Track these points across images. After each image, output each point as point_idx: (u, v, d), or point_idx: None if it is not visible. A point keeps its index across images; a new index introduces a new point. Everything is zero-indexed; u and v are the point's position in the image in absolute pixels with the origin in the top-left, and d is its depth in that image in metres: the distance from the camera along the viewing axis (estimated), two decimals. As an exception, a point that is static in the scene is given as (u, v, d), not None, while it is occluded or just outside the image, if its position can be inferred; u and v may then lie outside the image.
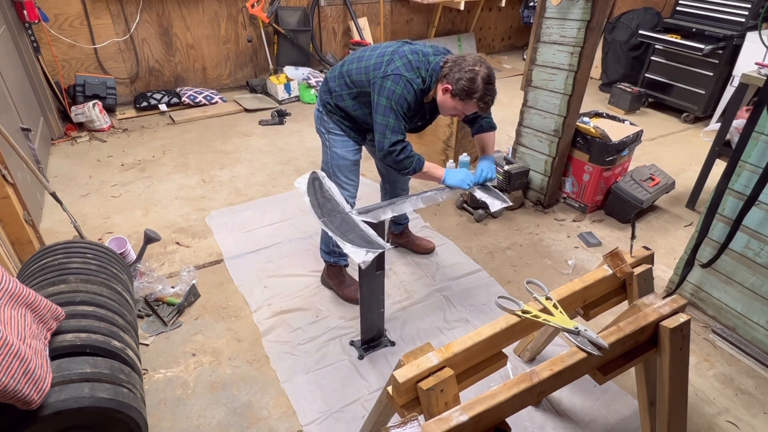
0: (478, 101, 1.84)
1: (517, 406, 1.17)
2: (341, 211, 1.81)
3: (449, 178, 2.03)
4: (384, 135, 1.91)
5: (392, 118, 1.89)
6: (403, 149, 1.93)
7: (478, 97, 1.82)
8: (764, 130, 1.94)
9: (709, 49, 4.14)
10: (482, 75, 1.80)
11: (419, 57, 1.91)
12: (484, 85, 1.81)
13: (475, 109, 1.89)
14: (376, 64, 1.94)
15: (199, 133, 4.26)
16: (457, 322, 2.33)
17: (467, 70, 1.80)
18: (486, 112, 1.96)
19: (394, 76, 1.87)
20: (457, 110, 1.92)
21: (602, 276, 1.52)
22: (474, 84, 1.80)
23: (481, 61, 1.83)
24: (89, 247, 2.00)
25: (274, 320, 2.31)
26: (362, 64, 1.99)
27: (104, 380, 1.45)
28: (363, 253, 1.60)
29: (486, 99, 1.84)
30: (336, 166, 2.18)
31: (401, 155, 1.93)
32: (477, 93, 1.81)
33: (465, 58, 1.83)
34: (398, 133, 1.91)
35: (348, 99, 2.05)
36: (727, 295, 2.22)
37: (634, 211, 3.04)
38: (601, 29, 2.70)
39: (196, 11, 4.71)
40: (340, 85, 2.06)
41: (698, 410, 1.93)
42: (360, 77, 1.98)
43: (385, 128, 1.90)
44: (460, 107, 1.89)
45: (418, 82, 1.90)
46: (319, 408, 1.90)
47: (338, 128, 2.14)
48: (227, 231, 2.94)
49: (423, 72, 1.90)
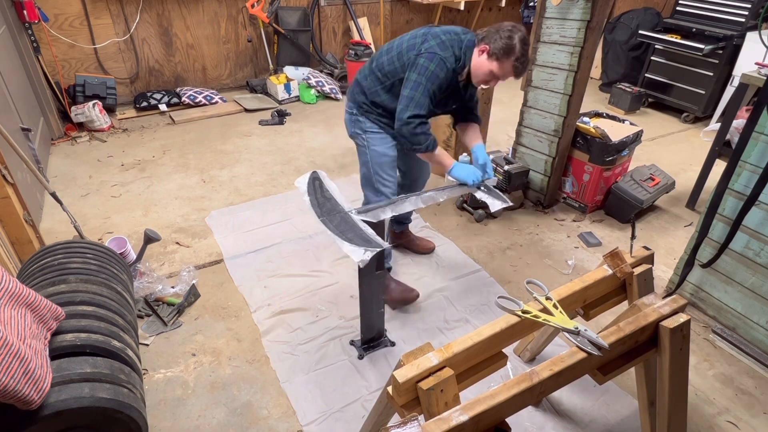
0: (515, 61, 1.88)
1: (517, 406, 1.17)
2: (340, 210, 1.81)
3: (456, 170, 2.05)
4: (407, 107, 1.94)
5: (420, 92, 1.92)
6: (421, 123, 1.95)
7: (515, 56, 1.87)
8: (764, 130, 1.94)
9: (709, 49, 4.14)
10: (519, 36, 1.87)
11: (451, 36, 1.97)
12: (522, 45, 1.87)
13: (510, 71, 1.92)
14: (409, 46, 1.99)
15: (199, 133, 4.26)
16: (457, 322, 2.33)
17: (505, 30, 1.88)
18: (519, 77, 1.99)
19: (428, 54, 1.92)
20: (492, 74, 1.94)
21: (602, 276, 1.52)
22: (512, 41, 1.86)
23: (516, 26, 1.90)
24: (89, 247, 2.00)
25: (274, 320, 2.31)
26: (393, 53, 2.03)
27: (104, 380, 1.45)
28: (361, 252, 1.60)
29: (522, 60, 1.89)
30: (377, 164, 2.19)
31: (418, 129, 1.95)
32: (515, 52, 1.87)
33: (501, 24, 1.91)
34: (421, 108, 1.94)
35: (383, 93, 2.08)
36: (727, 295, 2.22)
37: (634, 211, 3.04)
38: (601, 29, 2.70)
39: (196, 11, 4.71)
40: (372, 82, 2.10)
41: (698, 410, 1.93)
42: (393, 66, 2.02)
43: (410, 101, 1.93)
44: (495, 68, 1.92)
45: (452, 60, 1.94)
46: (319, 408, 1.90)
47: (376, 126, 2.16)
48: (227, 231, 2.94)
49: (456, 50, 1.95)
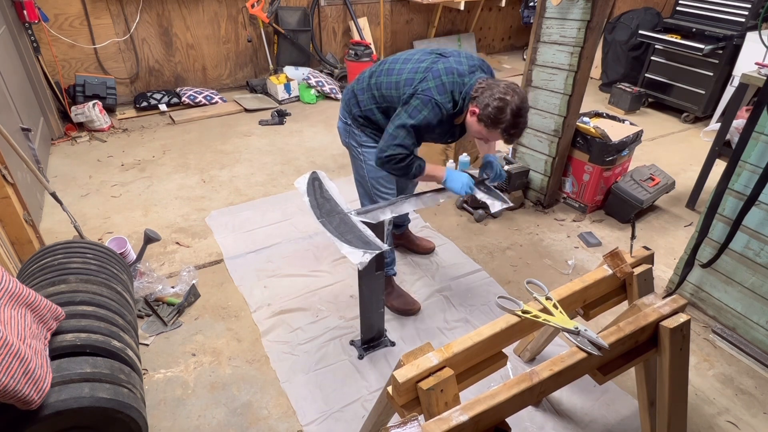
0: (503, 132, 1.76)
1: (517, 406, 1.17)
2: (340, 211, 1.81)
3: (451, 180, 1.99)
4: (388, 146, 1.85)
5: (404, 134, 1.84)
6: (402, 158, 1.87)
7: (503, 128, 1.74)
8: (764, 130, 1.94)
9: (709, 49, 4.14)
10: (512, 106, 1.71)
11: (454, 78, 1.82)
12: (513, 118, 1.72)
13: (499, 137, 1.81)
14: (407, 79, 1.87)
15: (199, 133, 4.26)
16: (457, 322, 2.33)
17: (497, 97, 1.71)
18: (510, 143, 1.89)
19: (424, 97, 1.81)
20: (482, 135, 1.84)
21: (602, 276, 1.52)
22: (502, 114, 1.72)
23: (515, 90, 1.73)
24: (89, 247, 2.00)
25: (274, 320, 2.31)
26: (392, 78, 1.91)
27: (104, 380, 1.45)
28: (360, 254, 1.60)
29: (512, 131, 1.76)
30: (374, 179, 2.13)
31: (400, 164, 1.88)
32: (503, 124, 1.73)
33: (498, 84, 1.75)
34: (404, 147, 1.86)
35: (378, 113, 2.00)
36: (727, 295, 2.22)
37: (634, 211, 3.04)
38: (601, 29, 2.70)
39: (196, 11, 4.71)
40: (368, 99, 2.00)
41: (698, 410, 1.93)
42: (390, 92, 1.92)
43: (393, 139, 1.85)
44: (485, 133, 1.81)
45: (449, 106, 1.83)
46: (319, 408, 1.90)
47: (372, 140, 2.08)
48: (227, 231, 2.94)
49: (456, 95, 1.83)
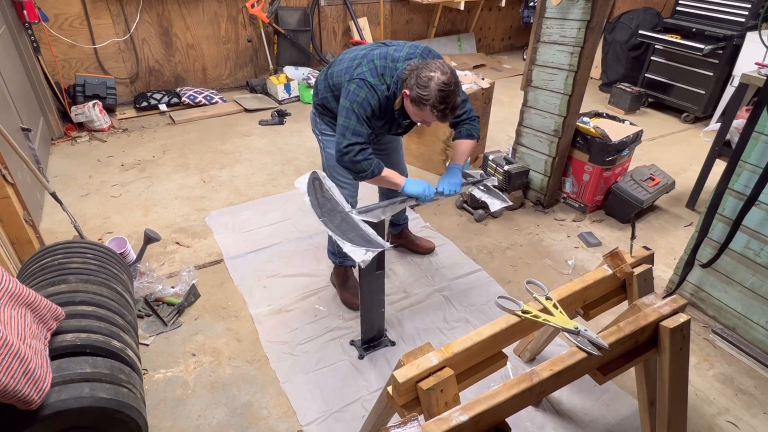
0: (432, 109, 1.73)
1: (517, 406, 1.17)
2: (341, 210, 1.81)
3: (409, 186, 1.96)
4: (343, 136, 1.86)
5: (354, 120, 1.84)
6: (360, 150, 1.85)
7: (431, 104, 1.71)
8: (764, 130, 1.94)
9: (709, 49, 4.14)
10: (437, 81, 1.69)
11: (386, 63, 1.84)
12: (438, 92, 1.69)
13: (432, 117, 1.78)
14: (347, 67, 1.91)
15: (199, 133, 4.26)
16: (457, 322, 2.33)
17: (423, 75, 1.71)
18: (444, 121, 1.83)
19: (358, 81, 1.83)
20: (419, 117, 1.83)
21: (602, 276, 1.52)
22: (426, 90, 1.70)
23: (441, 67, 1.72)
24: (89, 247, 2.00)
25: (274, 320, 2.31)
26: (340, 67, 1.96)
27: (104, 380, 1.45)
28: (362, 253, 1.60)
29: (440, 107, 1.72)
30: (331, 166, 2.16)
31: (358, 156, 1.86)
32: (429, 100, 1.71)
33: (427, 64, 1.74)
34: (358, 135, 1.85)
35: (332, 101, 2.03)
36: (727, 295, 2.22)
37: (634, 211, 3.04)
38: (601, 29, 2.70)
39: (196, 11, 4.71)
40: (325, 87, 2.05)
41: (698, 410, 1.93)
42: (338, 80, 1.95)
43: (346, 130, 1.85)
44: (419, 114, 1.80)
45: (383, 89, 1.83)
46: (319, 408, 1.90)
47: (330, 129, 2.12)
48: (227, 231, 2.94)
49: (388, 78, 1.83)
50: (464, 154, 2.11)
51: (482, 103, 3.47)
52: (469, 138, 2.10)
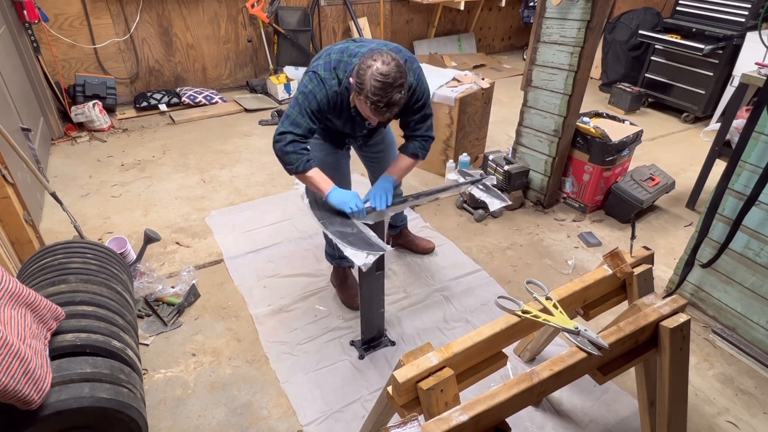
0: (366, 99, 1.61)
1: (517, 406, 1.17)
2: (341, 214, 1.81)
3: (333, 196, 1.83)
4: (281, 123, 1.80)
5: (296, 111, 1.77)
6: (293, 141, 1.77)
7: (365, 93, 1.60)
8: (764, 130, 1.94)
9: (709, 49, 4.14)
10: (374, 70, 1.57)
11: (342, 57, 1.77)
12: (373, 82, 1.57)
13: (367, 110, 1.66)
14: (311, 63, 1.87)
15: (199, 133, 4.26)
16: (457, 322, 2.33)
17: (364, 64, 1.60)
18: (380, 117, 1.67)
19: (310, 73, 1.78)
20: (364, 112, 1.71)
21: (602, 276, 1.52)
22: (361, 78, 1.59)
23: (386, 59, 1.59)
24: (89, 247, 2.00)
25: (274, 320, 2.31)
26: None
27: (104, 380, 1.45)
28: (364, 256, 1.60)
29: (374, 99, 1.59)
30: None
31: (288, 147, 1.77)
32: (364, 89, 1.59)
33: (373, 54, 1.62)
34: (296, 126, 1.77)
35: None
36: (727, 295, 2.22)
37: (634, 211, 3.04)
38: (601, 29, 2.70)
39: (196, 11, 4.71)
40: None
41: (698, 410, 1.93)
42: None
43: (286, 118, 1.79)
44: (359, 107, 1.70)
45: (332, 83, 1.76)
46: (319, 408, 1.90)
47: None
48: (227, 231, 2.94)
49: (341, 73, 1.75)
50: (402, 171, 2.00)
51: (482, 103, 3.47)
52: (413, 157, 1.99)
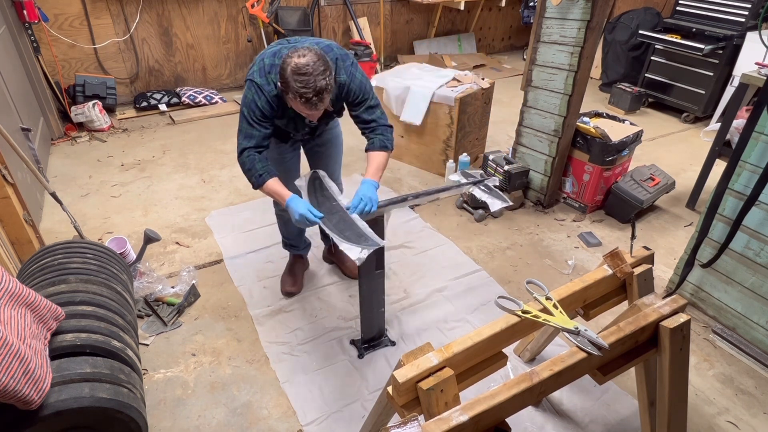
0: (294, 96, 1.60)
1: (517, 406, 1.17)
2: (340, 209, 1.81)
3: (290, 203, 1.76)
4: (239, 142, 1.82)
5: (244, 123, 1.80)
6: (249, 156, 1.78)
7: (292, 91, 1.59)
8: (764, 130, 1.94)
9: (709, 49, 4.14)
10: (292, 66, 1.57)
11: (274, 60, 1.75)
12: (293, 76, 1.57)
13: (300, 107, 1.65)
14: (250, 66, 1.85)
15: (199, 133, 4.26)
16: (457, 322, 2.33)
17: (283, 64, 1.60)
18: (310, 109, 1.65)
19: (248, 82, 1.77)
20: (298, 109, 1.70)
21: (602, 276, 1.52)
22: (283, 78, 1.60)
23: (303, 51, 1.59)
24: (89, 247, 2.00)
25: (274, 320, 2.31)
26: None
27: (104, 380, 1.45)
28: (358, 250, 1.60)
29: (301, 91, 1.58)
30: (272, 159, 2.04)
31: (247, 164, 1.79)
32: (289, 87, 1.59)
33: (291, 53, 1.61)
34: (249, 139, 1.79)
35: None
36: (727, 295, 2.22)
37: (634, 211, 3.04)
38: (601, 29, 2.70)
39: (196, 11, 4.71)
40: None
41: (698, 410, 1.93)
42: None
43: (239, 134, 1.81)
44: (294, 105, 1.68)
45: (269, 88, 1.74)
46: (319, 408, 1.90)
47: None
48: (227, 231, 2.94)
49: (274, 77, 1.74)
50: (379, 169, 1.87)
51: (482, 103, 3.47)
52: (383, 149, 1.89)
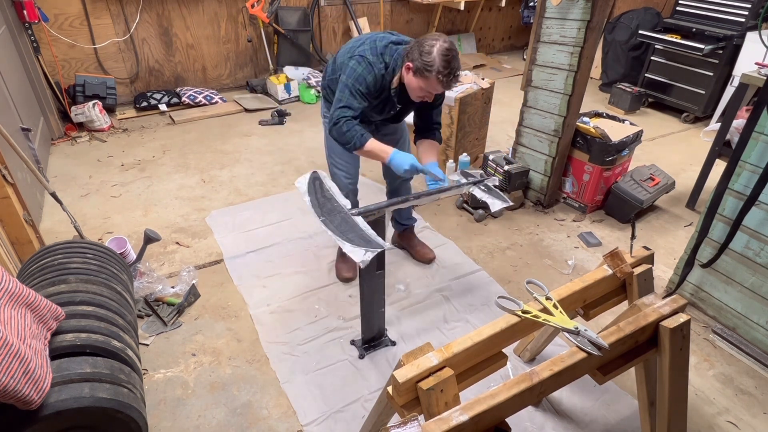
0: (437, 74, 1.83)
1: (517, 406, 1.17)
2: (341, 210, 1.81)
3: (394, 158, 1.99)
4: (336, 108, 1.99)
5: (347, 93, 1.96)
6: (347, 121, 1.96)
7: (436, 70, 1.82)
8: (764, 130, 1.94)
9: (709, 49, 4.14)
10: (439, 48, 1.81)
11: (386, 44, 1.99)
12: (442, 58, 1.81)
13: (437, 85, 1.88)
14: (351, 47, 2.05)
15: (199, 133, 4.26)
16: (457, 322, 2.33)
17: (426, 44, 1.83)
18: (449, 88, 1.93)
19: (358, 57, 1.96)
20: (423, 90, 1.92)
21: (602, 276, 1.52)
22: (430, 57, 1.81)
23: (440, 38, 1.84)
24: (89, 247, 2.00)
25: (274, 320, 2.31)
26: (345, 48, 2.11)
27: (104, 380, 1.45)
28: (362, 253, 1.60)
29: (445, 72, 1.83)
30: (330, 147, 2.29)
31: (344, 126, 1.96)
32: (434, 66, 1.82)
33: (427, 37, 1.86)
34: (349, 108, 1.96)
35: (335, 83, 2.13)
36: (727, 295, 2.22)
37: (634, 211, 3.04)
38: (601, 29, 2.70)
39: (196, 11, 4.71)
40: (332, 70, 2.17)
41: (698, 410, 1.93)
42: (341, 59, 2.09)
43: (338, 102, 1.99)
44: (423, 85, 1.89)
45: (380, 66, 1.97)
46: (319, 408, 1.90)
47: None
48: (227, 231, 2.94)
49: (387, 57, 1.97)
50: (435, 154, 2.17)
51: (482, 103, 3.47)
52: (440, 142, 2.23)
